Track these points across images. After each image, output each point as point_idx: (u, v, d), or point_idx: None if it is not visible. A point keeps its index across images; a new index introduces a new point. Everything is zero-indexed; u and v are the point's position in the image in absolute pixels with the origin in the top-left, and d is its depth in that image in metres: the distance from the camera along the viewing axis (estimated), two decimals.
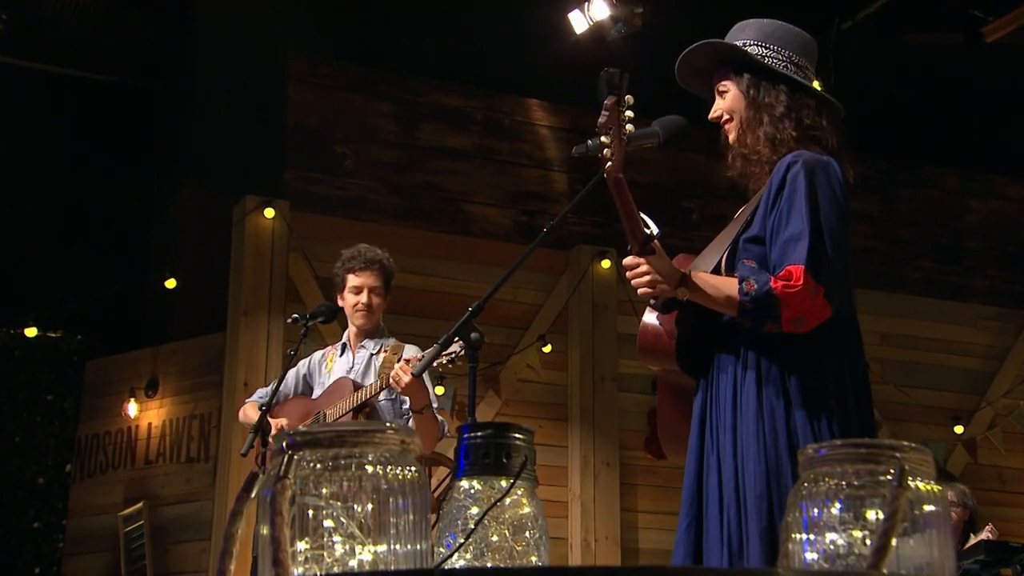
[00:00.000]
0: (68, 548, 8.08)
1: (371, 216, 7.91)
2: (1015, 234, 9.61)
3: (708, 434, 2.63)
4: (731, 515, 2.50)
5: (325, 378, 4.58)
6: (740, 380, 2.58)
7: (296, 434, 1.43)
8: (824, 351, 2.56)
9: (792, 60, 2.73)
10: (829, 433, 2.47)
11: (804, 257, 2.46)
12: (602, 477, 7.75)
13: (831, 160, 2.64)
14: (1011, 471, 8.99)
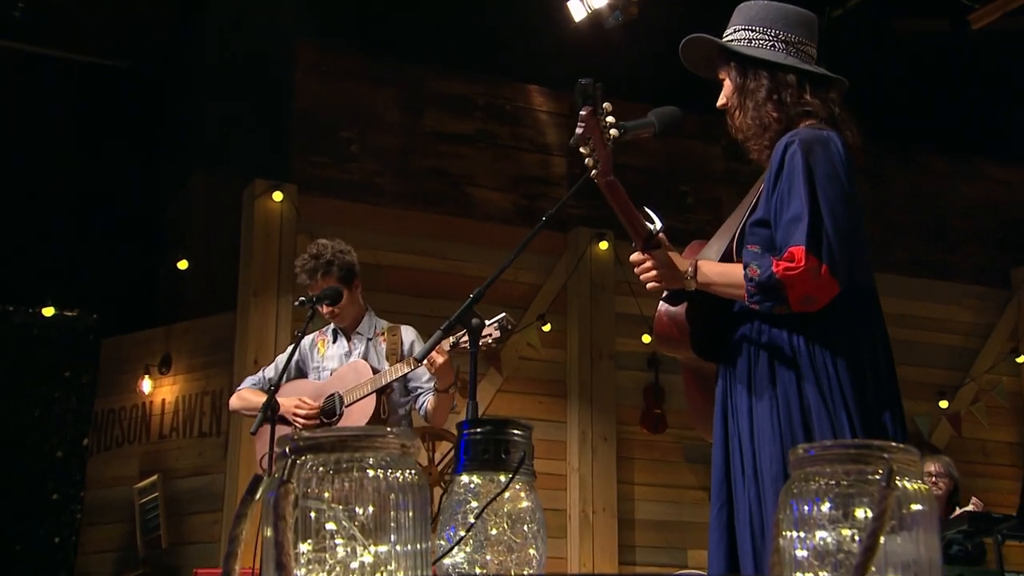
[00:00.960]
0: (86, 518, 8.10)
1: (376, 199, 7.89)
2: (999, 215, 9.60)
3: (730, 419, 2.58)
4: (752, 497, 2.46)
5: (317, 362, 4.54)
6: (755, 363, 2.53)
7: (299, 439, 1.42)
8: (837, 328, 2.49)
9: (780, 38, 2.65)
10: (844, 411, 2.42)
11: (804, 238, 2.40)
12: (600, 451, 7.75)
13: (830, 134, 2.56)
14: (993, 444, 9.01)
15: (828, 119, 2.61)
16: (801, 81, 2.63)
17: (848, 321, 2.51)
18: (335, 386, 4.33)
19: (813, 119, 2.61)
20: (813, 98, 2.62)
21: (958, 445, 8.82)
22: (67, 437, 8.29)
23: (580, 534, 7.61)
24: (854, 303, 2.52)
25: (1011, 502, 8.63)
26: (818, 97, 2.62)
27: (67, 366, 8.38)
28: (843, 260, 2.42)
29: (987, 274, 9.41)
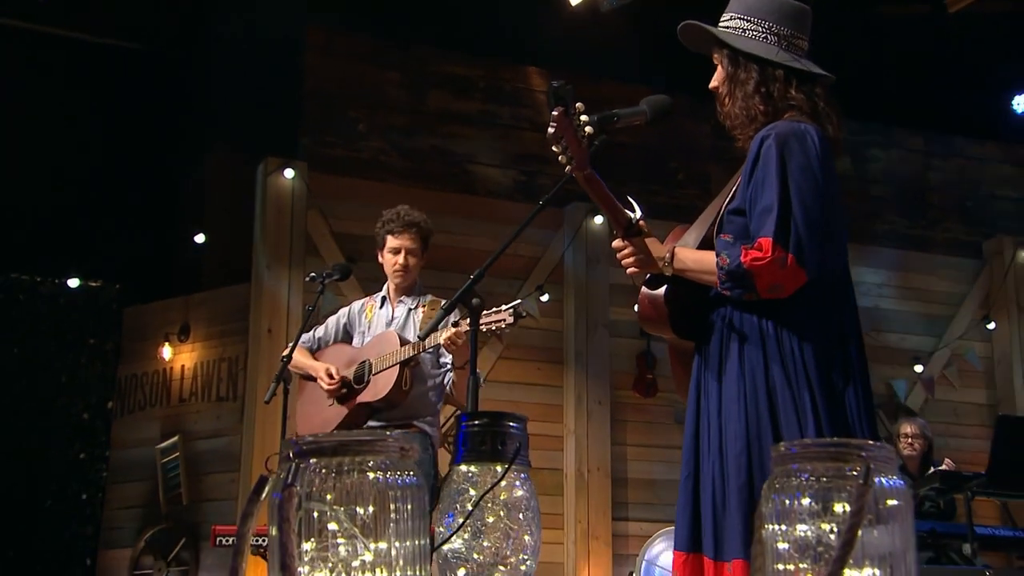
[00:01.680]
0: (112, 477, 8.11)
1: (382, 176, 7.85)
2: (974, 190, 9.57)
3: (702, 396, 2.57)
4: (715, 471, 2.45)
5: (364, 327, 4.49)
6: (725, 345, 2.51)
7: (302, 443, 1.40)
8: (804, 313, 2.46)
9: (773, 31, 2.60)
10: (808, 393, 2.39)
11: (772, 229, 2.38)
12: (594, 414, 7.75)
13: (807, 127, 2.52)
14: (964, 405, 9.02)
15: (811, 113, 2.57)
16: (788, 76, 2.58)
17: (817, 307, 2.48)
18: (368, 353, 4.29)
19: (797, 112, 2.56)
20: (798, 93, 2.57)
21: (931, 407, 8.84)
22: (92, 401, 8.29)
23: (576, 492, 7.62)
24: (824, 290, 2.49)
25: (981, 460, 8.64)
26: (803, 92, 2.57)
27: (92, 334, 8.37)
28: (811, 250, 2.39)
29: (961, 246, 9.39)
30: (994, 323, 9.07)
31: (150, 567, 7.65)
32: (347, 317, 4.53)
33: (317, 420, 4.29)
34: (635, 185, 8.54)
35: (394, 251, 4.39)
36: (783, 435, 2.36)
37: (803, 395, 2.39)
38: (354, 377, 4.26)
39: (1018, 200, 9.69)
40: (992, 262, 9.25)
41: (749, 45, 2.59)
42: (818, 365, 2.42)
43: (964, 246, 9.39)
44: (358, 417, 4.21)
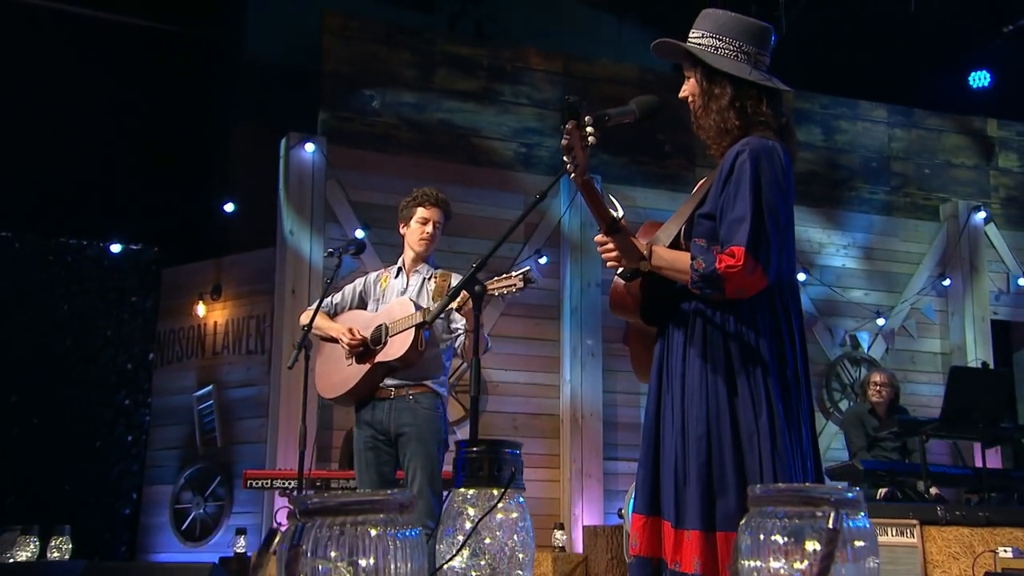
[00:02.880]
0: (153, 421, 8.09)
1: (395, 149, 7.71)
2: (932, 159, 9.41)
3: (664, 377, 2.53)
4: (678, 450, 2.41)
5: (379, 294, 4.36)
6: (690, 334, 2.48)
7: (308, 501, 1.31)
8: (762, 312, 2.44)
9: (742, 49, 2.53)
10: (763, 384, 2.37)
11: (745, 239, 2.34)
12: (588, 365, 7.67)
13: (775, 144, 2.47)
14: (921, 354, 8.94)
15: (777, 130, 2.52)
16: (760, 94, 2.53)
17: (771, 304, 2.46)
18: (383, 318, 4.18)
19: (766, 128, 2.51)
20: (768, 109, 2.52)
21: (891, 356, 8.78)
22: (135, 353, 8.24)
23: (571, 435, 7.56)
24: (778, 292, 2.48)
25: (935, 403, 8.59)
26: (772, 109, 2.53)
27: (133, 292, 8.30)
28: (774, 258, 2.38)
29: (921, 209, 9.26)
30: (949, 280, 8.96)
31: (189, 501, 7.63)
32: (363, 285, 4.41)
33: (336, 378, 4.19)
34: (626, 155, 8.42)
35: (423, 221, 4.26)
36: (740, 420, 2.35)
37: (758, 383, 2.37)
38: (371, 338, 4.14)
39: (972, 167, 9.53)
40: (948, 224, 9.13)
41: (723, 63, 2.53)
42: (772, 356, 2.41)
43: (923, 210, 9.26)
44: (375, 375, 4.10)
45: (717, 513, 2.28)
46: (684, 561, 2.26)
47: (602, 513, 7.43)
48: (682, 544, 2.28)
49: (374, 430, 4.07)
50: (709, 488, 2.30)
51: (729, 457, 2.32)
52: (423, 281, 4.25)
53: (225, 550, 7.01)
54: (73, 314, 8.12)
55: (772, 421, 2.31)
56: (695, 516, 2.28)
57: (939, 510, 6.00)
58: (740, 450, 2.33)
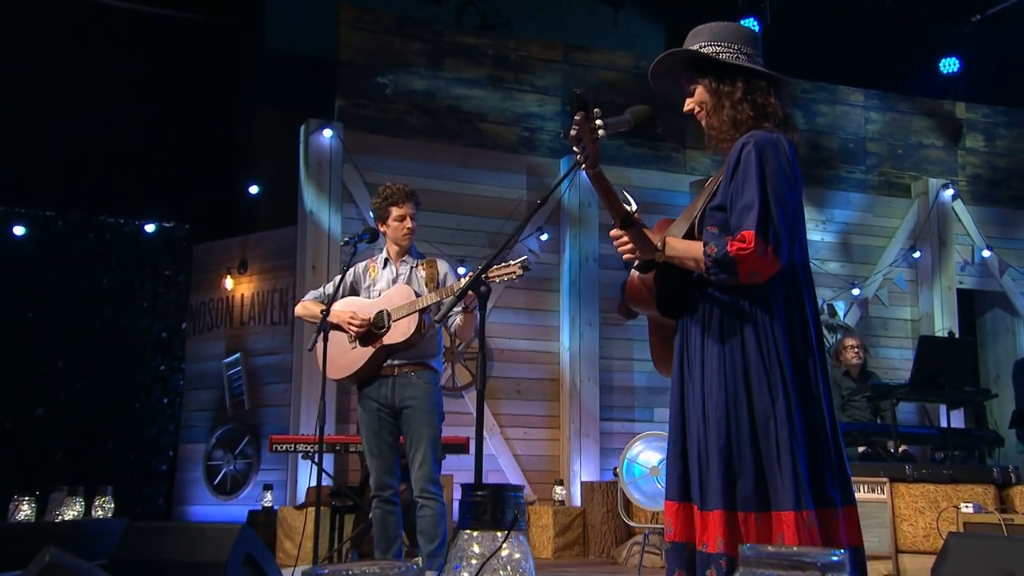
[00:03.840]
0: (187, 385, 8.08)
1: (406, 134, 7.62)
2: (905, 140, 9.29)
3: (685, 366, 2.44)
4: (700, 432, 2.33)
5: (369, 283, 4.33)
6: (708, 323, 2.39)
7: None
8: (776, 296, 2.34)
9: (742, 51, 2.46)
10: (778, 364, 2.28)
11: (755, 223, 2.25)
12: (586, 334, 7.62)
13: (780, 136, 2.39)
14: (892, 321, 8.89)
15: (782, 120, 2.43)
16: (768, 85, 2.44)
17: (785, 290, 2.36)
18: (383, 304, 4.14)
19: (770, 121, 2.42)
20: (775, 100, 2.44)
21: (865, 323, 8.71)
22: (169, 323, 8.22)
23: (570, 398, 7.54)
24: (790, 276, 2.37)
25: (905, 366, 8.56)
26: (778, 99, 2.44)
27: (167, 267, 8.27)
28: (785, 243, 2.27)
29: (894, 186, 9.16)
30: (919, 252, 8.89)
31: (220, 459, 7.64)
32: (353, 276, 4.37)
33: (343, 361, 4.16)
34: (621, 138, 8.32)
35: (400, 218, 4.21)
36: (756, 404, 2.26)
37: (774, 368, 2.28)
38: (374, 324, 4.10)
39: (942, 148, 9.42)
40: (919, 201, 9.04)
41: (733, 62, 2.45)
42: (787, 340, 2.31)
43: (896, 187, 9.16)
44: (379, 356, 4.08)
45: (737, 494, 2.21)
46: (709, 541, 2.19)
47: (598, 470, 7.43)
48: (708, 525, 2.21)
49: (379, 404, 4.06)
50: (729, 470, 2.22)
51: (747, 440, 2.23)
52: (411, 270, 4.23)
53: (254, 504, 7.03)
54: (112, 287, 8.09)
55: (788, 404, 2.23)
56: (717, 496, 2.21)
57: (907, 469, 6.00)
58: (757, 433, 2.24)
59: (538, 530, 6.96)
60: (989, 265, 9.08)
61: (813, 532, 2.13)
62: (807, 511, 2.13)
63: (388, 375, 4.06)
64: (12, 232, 7.70)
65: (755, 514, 2.17)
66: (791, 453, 2.19)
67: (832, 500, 2.22)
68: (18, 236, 7.72)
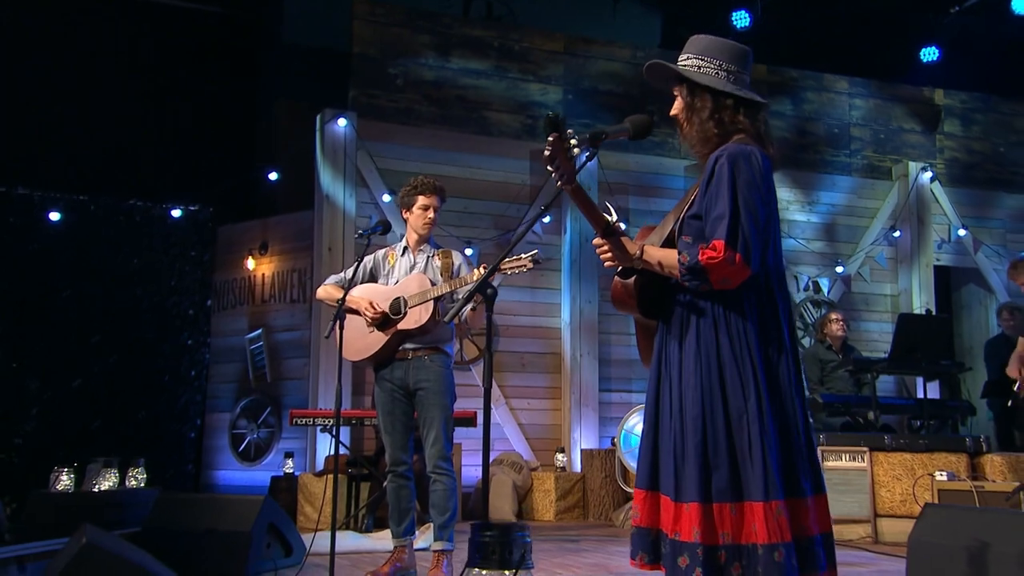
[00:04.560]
0: (212, 358, 8.09)
1: (416, 122, 7.57)
2: (887, 125, 9.21)
3: (663, 364, 2.44)
4: (676, 430, 2.33)
5: (387, 270, 4.28)
6: (685, 324, 2.38)
7: None
8: (749, 300, 2.33)
9: (723, 67, 2.42)
10: (751, 366, 2.28)
11: (725, 233, 2.24)
12: (585, 310, 7.61)
13: (754, 149, 2.36)
14: (874, 296, 8.86)
15: (755, 136, 2.40)
16: (736, 105, 2.40)
17: (758, 295, 2.35)
18: (399, 291, 4.11)
19: (743, 135, 2.39)
20: (744, 118, 2.40)
21: (848, 298, 8.69)
22: (195, 300, 8.22)
23: (571, 371, 7.54)
24: (763, 281, 2.36)
25: (885, 339, 8.55)
26: (748, 117, 2.40)
27: (192, 248, 8.25)
28: (755, 250, 2.27)
29: (876, 169, 9.10)
30: (899, 231, 8.85)
31: (244, 427, 7.67)
32: (372, 262, 4.32)
33: (360, 344, 4.14)
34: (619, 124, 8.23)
35: (424, 207, 4.16)
36: (730, 402, 2.27)
37: (747, 369, 2.28)
38: (391, 310, 4.08)
39: (921, 132, 9.34)
40: (899, 183, 8.98)
41: (704, 79, 2.41)
42: (759, 343, 2.31)
43: (878, 171, 9.10)
44: (395, 341, 4.06)
45: (712, 487, 2.22)
46: (684, 531, 2.20)
47: (597, 438, 7.45)
48: (681, 516, 2.22)
49: (394, 386, 4.05)
50: (705, 464, 2.23)
51: (722, 436, 2.24)
52: (427, 259, 4.19)
53: (276, 470, 7.06)
54: (142, 267, 8.08)
55: (760, 403, 2.23)
56: (694, 490, 2.21)
57: (886, 439, 6.01)
58: (731, 429, 2.25)
59: (541, 495, 6.99)
60: (964, 243, 9.04)
61: (782, 521, 2.14)
62: (775, 502, 2.14)
63: (403, 358, 4.05)
64: (48, 217, 7.68)
65: (730, 505, 2.19)
66: (762, 448, 2.20)
67: (803, 491, 2.24)
68: (54, 221, 7.70)
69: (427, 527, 5.17)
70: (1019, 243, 9.30)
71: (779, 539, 2.12)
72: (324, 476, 6.29)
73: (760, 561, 2.11)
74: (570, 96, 8.09)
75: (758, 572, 2.12)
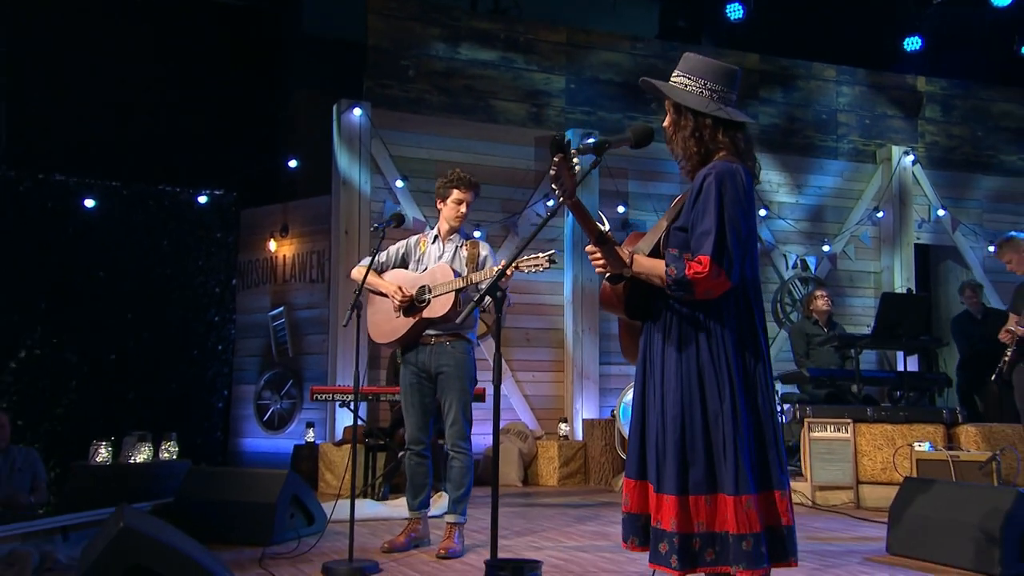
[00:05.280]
0: (238, 334, 8.10)
1: (427, 111, 7.49)
2: (872, 111, 9.11)
3: (647, 365, 2.45)
4: (658, 425, 2.35)
5: (418, 256, 4.21)
6: (668, 331, 2.39)
7: None
8: (727, 310, 2.35)
9: (707, 87, 2.39)
10: (727, 370, 2.31)
11: (711, 249, 2.26)
12: (587, 288, 7.58)
13: (739, 167, 2.35)
14: (858, 273, 8.82)
15: (736, 153, 2.39)
16: (716, 124, 2.39)
17: (736, 304, 2.37)
18: (426, 279, 4.07)
19: (726, 152, 2.38)
20: (724, 137, 2.39)
21: (833, 275, 8.65)
22: (221, 279, 8.19)
23: (573, 345, 7.53)
24: (741, 291, 2.38)
25: (868, 313, 8.52)
26: (728, 136, 2.39)
27: (218, 230, 8.21)
28: (737, 264, 2.29)
29: (861, 154, 9.00)
30: (882, 212, 8.77)
31: (269, 398, 7.70)
32: (405, 248, 4.27)
33: (387, 328, 4.11)
34: (620, 112, 8.17)
35: (458, 201, 4.11)
36: (708, 403, 2.30)
37: (723, 372, 2.31)
38: (416, 297, 4.05)
39: (903, 118, 9.23)
40: (883, 166, 8.90)
41: (688, 99, 2.40)
42: (736, 348, 2.33)
43: (863, 154, 9.00)
44: (419, 327, 4.03)
45: (689, 480, 2.26)
46: (664, 520, 2.26)
47: (598, 408, 7.46)
48: (662, 506, 2.27)
49: (417, 369, 4.03)
50: (683, 460, 2.27)
51: (699, 434, 2.28)
52: (456, 249, 4.14)
53: (298, 439, 7.10)
54: (171, 248, 8.05)
55: (735, 405, 2.27)
56: (672, 483, 2.26)
57: (868, 411, 6.00)
58: (708, 428, 2.28)
59: (545, 462, 7.02)
60: (943, 222, 8.97)
61: (751, 513, 2.19)
62: (745, 496, 2.19)
63: (426, 343, 4.02)
64: (84, 204, 7.65)
65: (704, 497, 2.23)
66: (735, 447, 2.23)
67: (779, 484, 2.27)
68: (89, 208, 7.68)
69: (441, 495, 5.19)
70: (995, 222, 9.23)
71: (748, 530, 2.18)
72: (343, 445, 6.32)
73: (731, 549, 2.18)
74: (572, 85, 8.00)
75: (729, 558, 2.18)
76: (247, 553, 3.93)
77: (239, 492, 4.27)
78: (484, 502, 4.97)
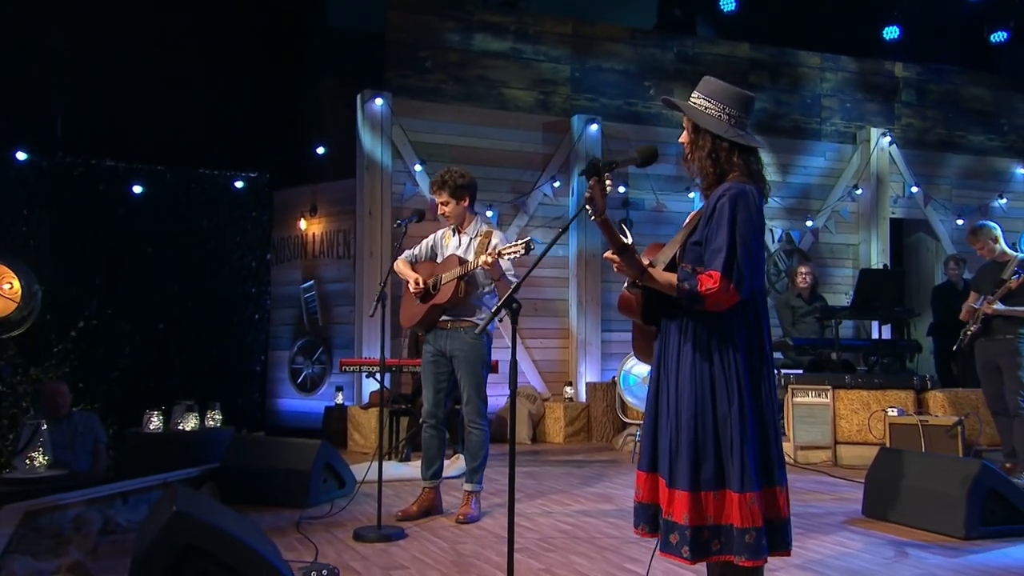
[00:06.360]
0: (273, 305, 8.08)
1: (443, 100, 7.36)
2: (853, 95, 8.91)
3: (662, 369, 2.41)
4: (672, 427, 2.32)
5: (443, 248, 4.15)
6: (683, 337, 2.33)
7: None
8: (737, 321, 2.30)
9: (725, 111, 2.31)
10: (736, 376, 2.26)
11: (722, 266, 2.20)
12: (591, 264, 7.51)
13: (751, 188, 2.28)
14: (838, 246, 8.72)
15: (749, 175, 2.32)
16: (732, 147, 2.31)
17: (746, 315, 2.31)
18: (441, 269, 4.03)
19: (739, 173, 2.31)
20: (739, 160, 2.31)
21: (816, 248, 8.55)
22: (257, 254, 8.16)
23: (577, 315, 7.49)
24: (751, 303, 2.32)
25: (847, 282, 8.45)
26: (743, 159, 2.32)
27: (252, 209, 8.15)
28: (747, 280, 2.23)
29: (843, 135, 8.83)
30: (861, 189, 8.65)
31: (301, 363, 7.70)
32: (433, 241, 4.20)
33: (410, 313, 4.10)
34: (620, 100, 8.00)
35: (439, 202, 4.02)
36: (718, 406, 2.26)
37: (732, 378, 2.26)
38: (432, 285, 4.02)
39: (882, 102, 9.04)
40: (862, 147, 8.74)
41: (707, 121, 2.31)
42: (745, 356, 2.29)
43: (844, 135, 8.83)
44: (434, 313, 4.00)
45: (701, 477, 2.23)
46: (675, 513, 2.24)
47: (600, 372, 7.44)
48: (673, 500, 2.25)
49: (435, 350, 4.01)
50: (696, 458, 2.24)
51: (710, 434, 2.24)
52: (470, 240, 4.08)
53: (329, 400, 7.11)
54: (211, 226, 8.00)
55: (742, 408, 2.23)
56: (684, 480, 2.23)
57: (846, 378, 5.97)
58: (717, 429, 2.25)
59: (552, 421, 7.03)
60: (916, 198, 8.84)
61: (754, 509, 2.18)
62: (750, 493, 2.18)
63: (443, 328, 3.99)
64: (132, 189, 7.58)
65: (713, 492, 2.22)
66: (741, 447, 2.21)
67: (779, 480, 2.27)
68: (136, 194, 7.62)
69: (458, 457, 5.20)
70: (963, 197, 9.11)
71: (751, 524, 2.16)
72: (369, 408, 6.33)
73: (735, 540, 2.18)
74: (577, 73, 7.83)
75: (733, 549, 2.18)
76: (286, 516, 3.94)
77: (277, 459, 4.28)
78: (500, 460, 4.98)
